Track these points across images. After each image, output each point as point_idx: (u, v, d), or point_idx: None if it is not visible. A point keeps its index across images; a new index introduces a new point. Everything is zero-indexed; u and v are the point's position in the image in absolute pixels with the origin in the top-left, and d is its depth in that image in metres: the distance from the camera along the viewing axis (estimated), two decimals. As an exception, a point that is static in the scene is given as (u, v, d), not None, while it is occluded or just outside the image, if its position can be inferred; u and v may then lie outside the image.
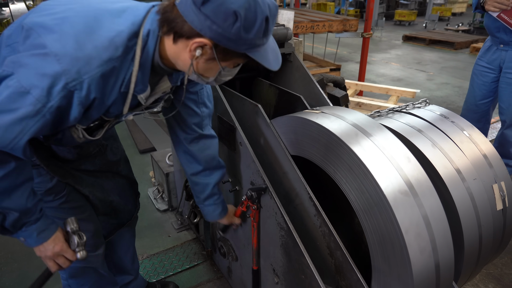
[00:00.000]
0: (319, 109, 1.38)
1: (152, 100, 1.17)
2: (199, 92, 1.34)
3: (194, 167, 1.48)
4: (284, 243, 1.33)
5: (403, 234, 0.98)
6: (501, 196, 1.43)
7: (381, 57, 8.18)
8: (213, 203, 1.53)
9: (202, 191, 1.52)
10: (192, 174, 1.50)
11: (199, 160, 1.46)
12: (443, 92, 5.76)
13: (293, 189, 1.37)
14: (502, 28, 2.60)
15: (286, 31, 1.75)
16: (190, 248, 2.37)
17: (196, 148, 1.44)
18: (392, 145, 1.14)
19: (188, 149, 1.44)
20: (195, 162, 1.47)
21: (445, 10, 13.54)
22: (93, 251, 1.55)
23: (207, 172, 1.49)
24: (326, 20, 4.45)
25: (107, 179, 1.53)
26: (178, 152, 1.50)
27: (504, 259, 2.31)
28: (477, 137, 1.49)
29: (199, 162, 1.47)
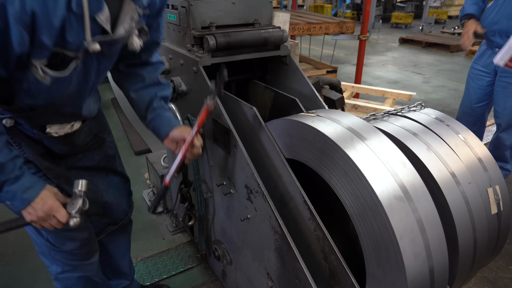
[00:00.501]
0: (314, 112, 1.38)
1: (122, 31, 1.06)
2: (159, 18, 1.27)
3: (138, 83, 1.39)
4: (278, 247, 1.32)
5: (397, 240, 0.97)
6: (496, 200, 1.43)
7: (377, 60, 8.21)
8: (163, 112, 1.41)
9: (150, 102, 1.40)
10: (134, 91, 1.40)
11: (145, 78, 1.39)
12: (439, 94, 5.78)
13: (287, 192, 1.36)
14: (498, 32, 2.60)
15: (282, 34, 1.74)
16: (185, 251, 2.35)
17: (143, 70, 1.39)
18: (388, 150, 1.14)
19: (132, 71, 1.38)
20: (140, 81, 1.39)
21: (441, 13, 13.61)
22: (87, 259, 1.52)
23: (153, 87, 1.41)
24: (322, 22, 4.45)
25: (101, 177, 1.50)
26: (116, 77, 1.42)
27: (499, 262, 2.31)
28: (472, 140, 1.49)
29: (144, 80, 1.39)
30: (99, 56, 1.07)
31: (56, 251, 1.45)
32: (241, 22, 1.75)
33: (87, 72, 1.08)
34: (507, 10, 2.51)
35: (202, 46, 1.62)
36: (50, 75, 0.99)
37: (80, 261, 1.51)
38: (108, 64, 1.19)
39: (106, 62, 1.16)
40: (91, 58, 1.05)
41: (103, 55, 1.08)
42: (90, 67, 1.08)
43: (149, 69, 1.41)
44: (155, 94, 1.41)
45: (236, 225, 1.64)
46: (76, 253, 1.48)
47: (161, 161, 2.68)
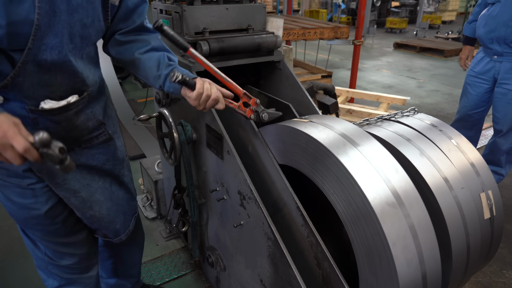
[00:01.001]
0: (307, 118, 1.37)
1: None
2: None
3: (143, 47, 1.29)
4: (271, 254, 1.31)
5: (390, 247, 0.97)
6: (489, 205, 1.43)
7: (372, 64, 8.25)
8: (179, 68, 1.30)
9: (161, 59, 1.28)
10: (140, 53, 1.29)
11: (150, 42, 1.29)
12: (433, 99, 5.82)
13: (281, 198, 1.35)
14: (496, 39, 2.61)
15: (276, 39, 1.74)
16: (179, 257, 2.33)
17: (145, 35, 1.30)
18: (380, 156, 1.14)
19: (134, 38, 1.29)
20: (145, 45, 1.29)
21: (435, 18, 13.73)
22: (85, 273, 1.50)
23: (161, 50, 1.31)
24: (317, 28, 4.48)
25: (103, 186, 1.37)
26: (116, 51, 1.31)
27: (493, 267, 2.31)
28: (465, 145, 1.50)
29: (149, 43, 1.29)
30: None
31: (53, 265, 1.42)
32: (235, 28, 1.75)
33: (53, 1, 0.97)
34: (504, 17, 2.53)
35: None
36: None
37: (78, 275, 1.48)
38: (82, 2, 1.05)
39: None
40: None
41: None
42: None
43: (150, 35, 1.32)
44: (163, 54, 1.30)
45: (230, 231, 1.63)
46: (74, 267, 1.45)
47: (155, 166, 2.66)
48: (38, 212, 1.24)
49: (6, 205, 1.25)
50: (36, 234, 1.33)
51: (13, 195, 1.21)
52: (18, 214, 1.26)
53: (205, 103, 1.22)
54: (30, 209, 1.23)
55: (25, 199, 1.21)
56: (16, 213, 1.25)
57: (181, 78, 1.15)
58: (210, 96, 1.21)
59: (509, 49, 2.58)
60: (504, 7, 2.53)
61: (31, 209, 1.23)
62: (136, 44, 1.30)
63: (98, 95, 1.29)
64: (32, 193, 1.20)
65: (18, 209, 1.24)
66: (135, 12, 1.25)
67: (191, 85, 1.19)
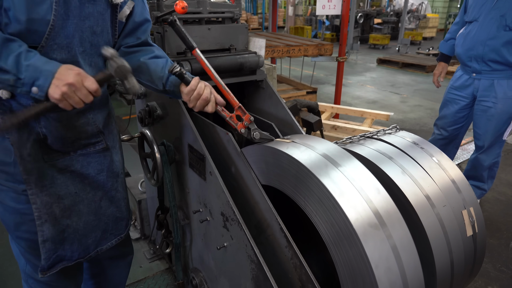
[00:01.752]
0: (290, 138, 1.37)
1: None
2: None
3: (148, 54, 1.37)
4: (255, 276, 1.29)
5: (373, 269, 0.96)
6: (471, 222, 1.44)
7: (356, 80, 8.39)
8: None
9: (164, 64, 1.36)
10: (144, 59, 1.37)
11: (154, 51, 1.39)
12: (416, 114, 5.93)
13: (264, 219, 1.34)
14: (474, 57, 2.68)
15: (258, 59, 1.75)
16: (162, 279, 2.28)
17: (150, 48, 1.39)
18: (362, 176, 1.14)
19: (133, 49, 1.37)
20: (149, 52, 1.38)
21: (416, 34, 14.13)
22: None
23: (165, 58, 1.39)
24: (301, 45, 4.54)
25: (92, 199, 1.36)
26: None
27: (478, 282, 2.32)
28: (446, 163, 1.51)
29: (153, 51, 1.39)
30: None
31: (33, 280, 1.44)
32: (217, 48, 1.76)
33: (67, 6, 1.09)
34: (482, 36, 2.60)
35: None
36: None
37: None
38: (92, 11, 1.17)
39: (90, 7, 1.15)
40: None
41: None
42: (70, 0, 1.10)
43: (154, 48, 1.41)
44: (167, 59, 1.38)
45: (213, 253, 1.60)
46: (52, 285, 1.45)
47: (139, 185, 2.62)
48: (28, 218, 1.26)
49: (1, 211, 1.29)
50: (21, 244, 1.34)
51: (7, 199, 1.25)
52: (9, 219, 1.29)
53: (196, 101, 1.29)
54: (22, 214, 1.26)
55: (19, 204, 1.25)
56: (8, 218, 1.29)
57: (179, 70, 1.23)
58: (201, 95, 1.28)
59: (487, 67, 2.65)
60: (481, 26, 2.61)
61: (23, 214, 1.26)
62: (141, 52, 1.39)
63: (101, 105, 1.36)
64: (26, 199, 1.23)
65: (10, 214, 1.27)
66: (139, 30, 1.36)
67: (187, 80, 1.27)
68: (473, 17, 2.68)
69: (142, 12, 1.36)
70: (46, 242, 1.28)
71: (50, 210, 1.26)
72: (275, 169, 1.28)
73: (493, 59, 2.59)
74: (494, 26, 2.54)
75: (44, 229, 1.26)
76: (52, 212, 1.26)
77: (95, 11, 1.18)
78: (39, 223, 1.25)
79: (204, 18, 1.71)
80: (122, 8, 1.27)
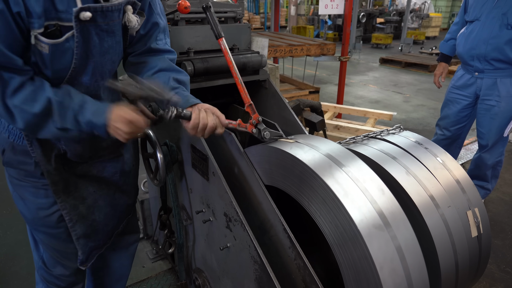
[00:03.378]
0: (293, 138, 1.37)
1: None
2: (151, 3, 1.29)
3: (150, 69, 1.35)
4: (258, 277, 1.28)
5: (377, 271, 0.95)
6: (476, 222, 1.43)
7: (359, 79, 8.37)
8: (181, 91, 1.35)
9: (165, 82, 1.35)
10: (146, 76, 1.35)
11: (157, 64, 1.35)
12: (419, 114, 5.90)
13: (267, 220, 1.33)
14: (476, 57, 2.67)
15: (261, 58, 1.75)
16: (165, 280, 2.27)
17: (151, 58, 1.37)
18: (366, 177, 1.13)
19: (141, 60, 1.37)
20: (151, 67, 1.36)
21: (419, 34, 14.07)
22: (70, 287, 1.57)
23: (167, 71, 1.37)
24: (304, 44, 4.53)
25: (107, 194, 1.46)
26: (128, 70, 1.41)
27: (483, 283, 2.31)
28: (450, 163, 1.50)
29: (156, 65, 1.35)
30: (97, 29, 1.10)
31: (45, 271, 1.52)
32: (220, 48, 1.75)
33: (87, 45, 1.10)
34: (484, 35, 2.59)
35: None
36: (46, 42, 1.03)
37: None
38: (112, 43, 1.17)
39: (109, 40, 1.16)
40: (88, 30, 1.07)
41: (101, 29, 1.10)
42: (89, 40, 1.10)
43: (158, 57, 1.38)
44: (169, 76, 1.35)
45: (216, 254, 1.59)
46: (63, 279, 1.52)
47: (141, 186, 2.62)
48: (46, 212, 1.33)
49: (19, 203, 1.35)
50: (40, 236, 1.42)
51: (27, 194, 1.31)
52: (28, 213, 1.35)
53: (203, 131, 1.25)
54: (40, 209, 1.32)
55: (38, 198, 1.31)
56: (27, 211, 1.35)
57: (176, 113, 1.20)
58: (206, 124, 1.24)
59: (489, 66, 2.64)
60: (483, 25, 2.59)
61: (41, 208, 1.32)
62: (143, 67, 1.37)
63: None
64: (45, 193, 1.29)
65: (29, 207, 1.33)
66: (146, 36, 1.34)
67: (187, 117, 1.23)
68: (474, 16, 2.67)
69: (150, 15, 1.32)
70: (79, 239, 1.41)
71: (78, 211, 1.37)
72: (279, 170, 1.27)
73: (496, 58, 2.58)
74: (496, 25, 2.53)
75: (77, 228, 1.38)
76: (80, 213, 1.37)
77: (114, 42, 1.18)
78: (71, 225, 1.36)
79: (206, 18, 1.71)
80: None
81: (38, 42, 1.03)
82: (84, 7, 1.02)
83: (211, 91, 1.94)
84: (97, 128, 1.11)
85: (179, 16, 1.59)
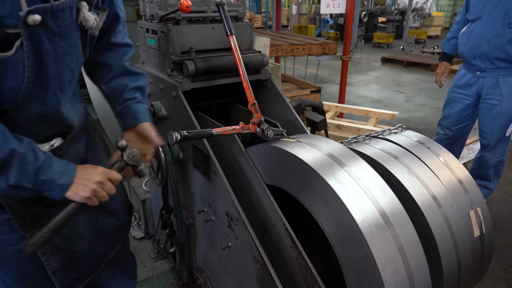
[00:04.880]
0: (295, 138, 1.36)
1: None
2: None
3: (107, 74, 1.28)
4: (260, 277, 1.28)
5: (379, 271, 0.95)
6: (478, 222, 1.42)
7: (361, 79, 8.35)
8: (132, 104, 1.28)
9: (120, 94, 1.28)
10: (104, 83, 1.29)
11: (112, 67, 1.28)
12: (421, 113, 5.89)
13: (269, 219, 1.33)
14: (478, 56, 2.66)
15: (262, 58, 1.74)
16: (167, 279, 2.27)
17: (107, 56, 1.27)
18: (368, 177, 1.13)
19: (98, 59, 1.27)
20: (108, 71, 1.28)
21: (421, 33, 14.04)
22: None
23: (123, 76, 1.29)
24: (305, 44, 4.52)
25: (88, 218, 1.28)
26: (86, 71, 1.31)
27: (485, 283, 2.30)
28: (452, 162, 1.50)
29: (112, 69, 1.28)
30: (48, 34, 0.93)
31: None
32: (221, 47, 1.75)
33: (39, 54, 0.93)
34: (486, 34, 2.58)
35: (182, 71, 1.61)
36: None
37: None
38: (67, 48, 1.01)
39: (63, 45, 0.99)
40: (38, 36, 0.91)
41: (53, 33, 0.94)
42: (41, 47, 0.93)
43: (114, 55, 1.28)
44: (125, 85, 1.28)
45: (218, 253, 1.59)
46: None
47: (143, 185, 2.62)
48: (14, 248, 1.16)
49: None
50: (10, 274, 1.24)
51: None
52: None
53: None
54: (7, 246, 1.16)
55: (2, 235, 1.14)
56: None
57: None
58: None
59: (491, 65, 2.62)
60: (485, 24, 2.58)
61: (8, 245, 1.15)
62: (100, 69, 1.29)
63: (81, 132, 1.27)
64: (9, 228, 1.13)
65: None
66: (105, 30, 1.23)
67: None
68: (476, 15, 2.66)
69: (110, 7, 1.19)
70: (56, 272, 1.24)
71: (53, 245, 1.21)
72: (280, 169, 1.27)
73: (498, 57, 2.57)
74: (498, 24, 2.52)
75: (52, 262, 1.22)
76: (55, 246, 1.21)
77: (69, 47, 1.01)
78: (44, 259, 1.20)
79: (208, 17, 1.70)
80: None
81: None
82: (31, 9, 0.86)
83: (213, 90, 1.94)
84: (55, 190, 0.99)
85: (180, 15, 1.58)
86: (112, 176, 1.08)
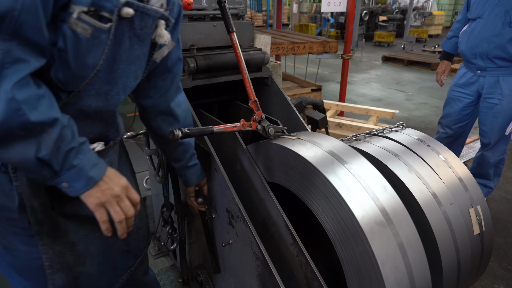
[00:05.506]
0: (295, 135, 1.37)
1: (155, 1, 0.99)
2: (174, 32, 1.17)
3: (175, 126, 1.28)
4: (260, 274, 1.29)
5: (379, 267, 0.95)
6: (478, 220, 1.43)
7: (361, 77, 8.35)
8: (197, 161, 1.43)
9: (186, 150, 1.38)
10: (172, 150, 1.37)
11: (178, 116, 1.31)
12: (421, 112, 5.89)
13: (269, 216, 1.33)
14: (479, 55, 2.66)
15: (263, 56, 1.75)
16: (167, 276, 2.28)
17: (174, 104, 1.29)
18: (368, 174, 1.13)
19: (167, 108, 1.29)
20: (175, 122, 1.31)
21: (422, 32, 14.02)
22: None
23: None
24: (306, 42, 4.52)
25: (100, 236, 1.17)
26: (151, 119, 1.31)
27: (484, 281, 2.31)
28: (453, 160, 1.50)
29: (179, 120, 1.32)
30: (131, 33, 0.96)
31: None
32: (223, 44, 1.76)
33: (117, 48, 0.95)
34: (487, 33, 2.58)
35: (183, 69, 1.61)
36: (92, 24, 0.86)
37: None
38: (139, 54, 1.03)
39: (138, 49, 1.01)
40: (123, 30, 0.93)
41: (134, 34, 0.97)
42: (121, 42, 0.95)
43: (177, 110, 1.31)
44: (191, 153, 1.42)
45: (219, 250, 1.60)
46: None
47: (144, 182, 2.63)
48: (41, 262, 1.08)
49: (4, 257, 1.10)
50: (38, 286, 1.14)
51: (16, 243, 1.07)
52: (21, 264, 1.10)
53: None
54: (35, 259, 1.08)
55: (31, 247, 1.06)
56: (19, 262, 1.10)
57: None
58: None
59: (492, 64, 2.63)
60: (486, 23, 2.58)
61: (36, 258, 1.08)
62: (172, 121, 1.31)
63: (118, 143, 1.24)
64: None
65: (21, 258, 1.09)
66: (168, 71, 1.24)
67: None
68: (477, 14, 2.66)
69: (177, 52, 1.23)
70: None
71: (64, 260, 1.12)
72: (281, 166, 1.27)
73: (499, 56, 2.57)
74: (499, 23, 2.52)
75: (56, 278, 1.12)
76: (65, 261, 1.12)
77: (141, 53, 1.04)
78: (50, 272, 1.10)
79: (209, 14, 1.71)
80: (161, 47, 1.12)
81: (79, 23, 0.84)
82: (129, 1, 0.89)
83: (214, 88, 1.94)
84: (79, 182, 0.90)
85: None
86: (132, 195, 0.99)
